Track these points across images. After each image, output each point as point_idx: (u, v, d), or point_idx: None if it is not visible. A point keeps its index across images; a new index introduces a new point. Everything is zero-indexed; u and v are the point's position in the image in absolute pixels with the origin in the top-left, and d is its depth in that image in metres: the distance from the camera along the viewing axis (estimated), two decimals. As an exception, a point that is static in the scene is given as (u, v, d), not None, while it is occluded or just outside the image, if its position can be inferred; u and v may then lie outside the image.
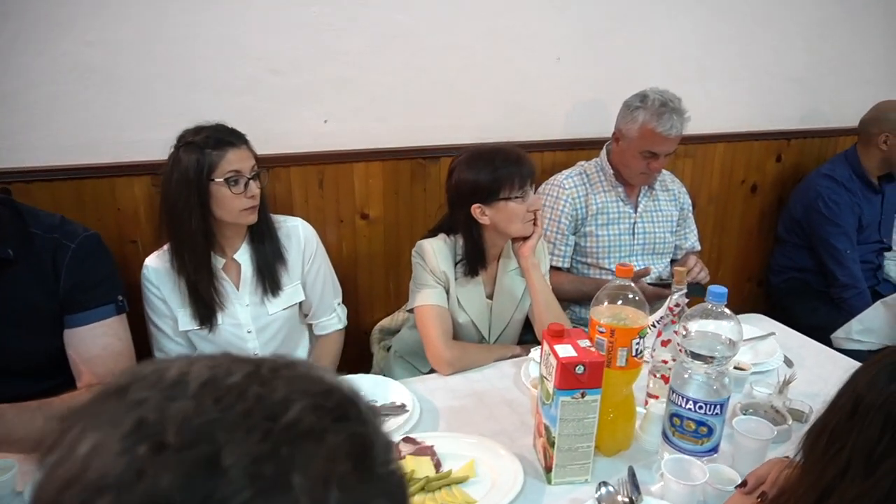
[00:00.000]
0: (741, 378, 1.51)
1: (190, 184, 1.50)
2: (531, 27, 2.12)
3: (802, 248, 2.57)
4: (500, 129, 2.19)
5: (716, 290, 1.13)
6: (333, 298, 1.81)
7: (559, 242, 2.07)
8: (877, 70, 2.76)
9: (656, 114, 1.89)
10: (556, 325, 1.21)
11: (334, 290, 1.82)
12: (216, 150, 1.51)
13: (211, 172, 1.50)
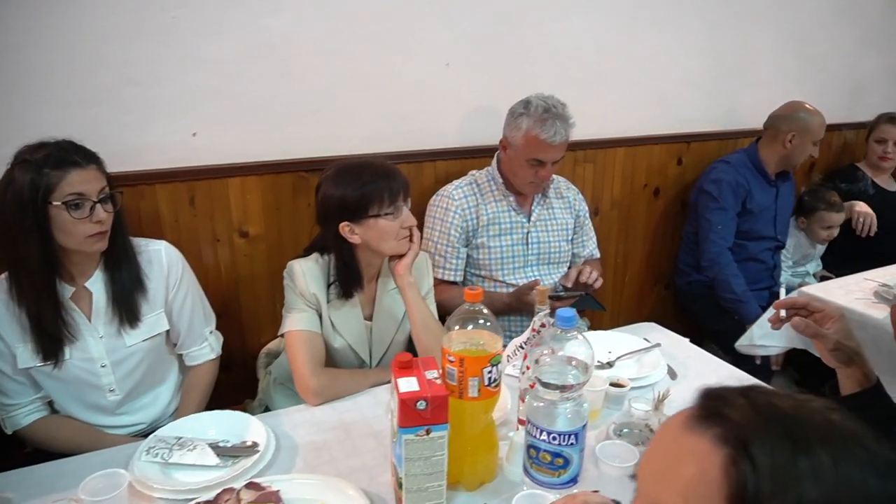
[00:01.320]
0: (619, 395, 1.46)
1: (24, 206, 1.35)
2: (416, 32, 2.04)
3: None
4: (388, 138, 2.10)
5: (564, 313, 1.07)
6: (204, 327, 1.68)
7: (450, 255, 1.99)
8: (769, 72, 2.79)
9: (540, 120, 1.84)
10: (404, 356, 1.12)
11: (205, 318, 1.69)
12: (56, 169, 1.36)
13: (49, 194, 1.35)
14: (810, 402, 0.55)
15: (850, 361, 1.17)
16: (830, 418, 0.54)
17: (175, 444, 1.27)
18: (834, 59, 2.97)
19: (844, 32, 2.95)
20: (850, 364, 1.18)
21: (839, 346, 1.16)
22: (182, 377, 1.73)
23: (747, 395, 0.57)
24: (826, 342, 1.17)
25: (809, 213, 2.76)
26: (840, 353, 1.16)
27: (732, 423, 0.54)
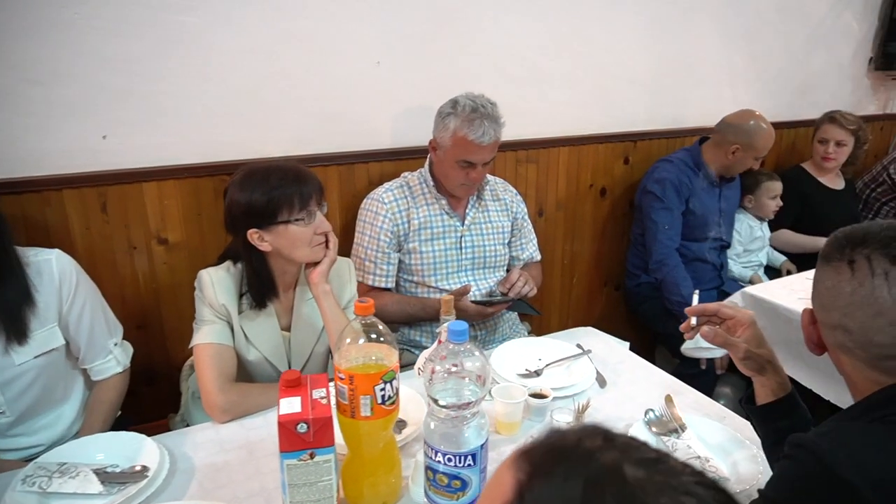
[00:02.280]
0: (541, 407, 1.40)
1: None
2: (344, 29, 1.96)
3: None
4: (317, 139, 2.02)
5: (455, 327, 1.00)
6: (108, 339, 1.58)
7: (380, 261, 1.92)
8: (716, 71, 2.77)
9: (467, 120, 1.77)
10: (291, 374, 1.05)
11: (108, 329, 1.58)
12: None
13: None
14: (633, 455, 0.46)
15: (763, 370, 1.12)
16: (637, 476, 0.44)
17: (56, 471, 1.18)
18: (781, 57, 2.96)
19: (791, 31, 2.94)
20: (763, 372, 1.13)
21: (750, 354, 1.11)
22: (89, 393, 1.63)
23: (580, 439, 0.49)
24: (736, 351, 1.12)
25: (755, 188, 2.77)
26: (751, 361, 1.12)
27: (526, 465, 0.47)
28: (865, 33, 3.20)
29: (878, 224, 0.90)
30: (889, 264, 0.85)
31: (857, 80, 3.29)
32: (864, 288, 0.86)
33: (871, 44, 3.24)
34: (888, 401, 0.85)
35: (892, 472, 0.74)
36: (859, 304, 0.87)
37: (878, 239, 0.87)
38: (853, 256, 0.88)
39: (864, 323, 0.87)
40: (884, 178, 2.99)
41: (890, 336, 0.85)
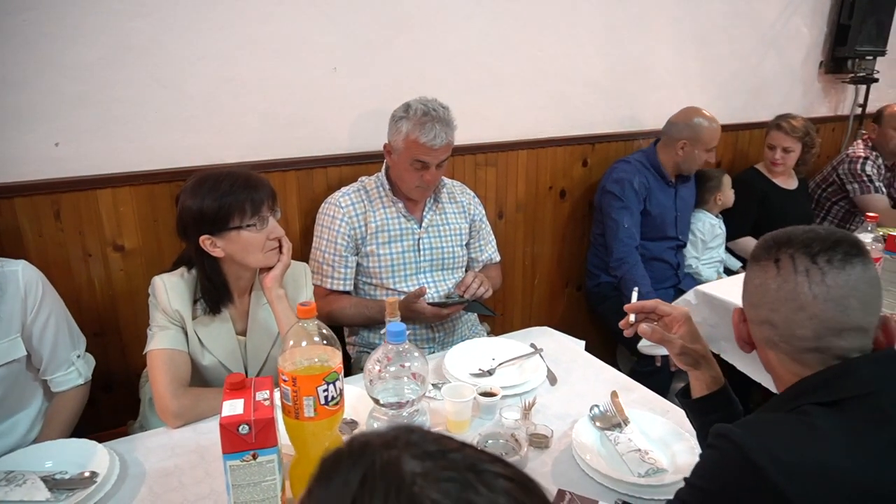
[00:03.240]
0: (490, 405, 1.44)
1: None
2: (300, 36, 1.98)
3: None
4: (275, 144, 2.04)
5: (393, 328, 1.03)
6: (71, 350, 1.57)
7: (338, 265, 1.94)
8: (671, 74, 2.84)
9: (419, 124, 1.81)
10: (235, 377, 1.07)
11: (72, 341, 1.58)
12: None
13: None
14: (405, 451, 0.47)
15: (697, 364, 1.17)
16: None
17: (3, 479, 1.18)
18: (734, 60, 3.04)
19: (742, 35, 3.02)
20: (697, 367, 1.18)
21: (685, 350, 1.16)
22: (47, 404, 1.62)
23: (368, 441, 0.49)
24: (672, 347, 1.17)
25: (719, 186, 2.84)
26: (686, 356, 1.17)
27: (315, 471, 0.50)
28: (815, 38, 3.30)
29: (801, 228, 0.95)
30: (810, 262, 0.90)
31: (808, 84, 3.39)
32: (788, 284, 0.91)
33: (821, 48, 3.35)
34: (800, 393, 0.90)
35: (799, 457, 0.79)
36: (783, 300, 0.92)
37: (801, 240, 0.92)
38: (778, 256, 0.93)
39: (787, 317, 0.92)
40: (833, 178, 3.09)
41: (810, 329, 0.90)
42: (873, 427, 0.81)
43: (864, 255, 0.90)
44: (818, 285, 0.89)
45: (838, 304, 0.88)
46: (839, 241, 0.90)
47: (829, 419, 0.83)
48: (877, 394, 0.84)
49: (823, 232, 0.92)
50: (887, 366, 0.88)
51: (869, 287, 0.89)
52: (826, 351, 0.90)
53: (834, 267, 0.88)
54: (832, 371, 0.89)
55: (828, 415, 0.84)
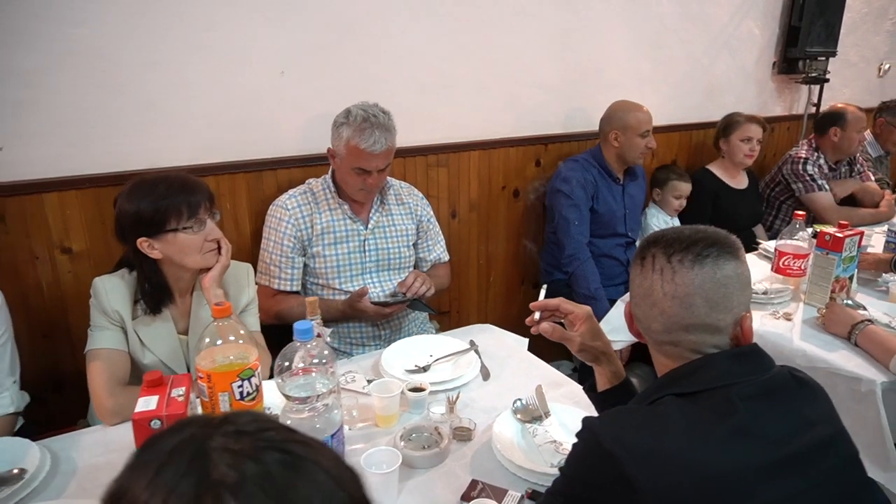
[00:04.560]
0: (418, 400, 1.49)
1: None
2: (247, 40, 2.02)
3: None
4: (224, 148, 2.08)
5: (300, 326, 1.08)
6: (8, 377, 1.57)
7: (285, 265, 1.99)
8: (624, 75, 2.90)
9: (358, 130, 1.85)
10: (153, 374, 1.11)
11: (11, 366, 1.58)
12: None
13: None
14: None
15: (598, 360, 1.24)
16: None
17: (-68, 476, 1.22)
18: (686, 61, 3.11)
19: (694, 36, 3.09)
20: (598, 363, 1.24)
21: (584, 347, 1.22)
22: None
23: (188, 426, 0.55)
24: (571, 344, 1.23)
25: (663, 184, 2.96)
26: (586, 353, 1.23)
27: None
28: (768, 39, 3.38)
29: (679, 229, 1.01)
30: (665, 261, 0.96)
31: (761, 84, 3.47)
32: (647, 281, 0.98)
33: (774, 49, 3.43)
34: (664, 384, 0.96)
35: (647, 445, 0.85)
36: (643, 296, 0.98)
37: (666, 240, 0.98)
38: (645, 254, 1.00)
39: (645, 312, 0.99)
40: (779, 178, 3.17)
41: (661, 324, 0.97)
42: (718, 417, 0.87)
43: (720, 255, 0.94)
44: (668, 283, 0.95)
45: (683, 301, 0.94)
46: (696, 242, 0.95)
47: (682, 409, 0.89)
48: (728, 387, 0.90)
49: (689, 232, 0.98)
50: (740, 362, 0.94)
51: (717, 287, 0.94)
52: (679, 344, 0.96)
53: (684, 266, 0.94)
54: (691, 365, 0.95)
55: (681, 405, 0.90)
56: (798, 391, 0.93)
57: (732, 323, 0.96)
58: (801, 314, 2.03)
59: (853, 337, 1.80)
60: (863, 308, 1.97)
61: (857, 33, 3.79)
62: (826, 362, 1.76)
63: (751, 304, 1.02)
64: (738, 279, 0.96)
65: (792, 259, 2.06)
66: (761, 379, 0.91)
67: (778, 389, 0.91)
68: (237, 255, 2.13)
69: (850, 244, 2.02)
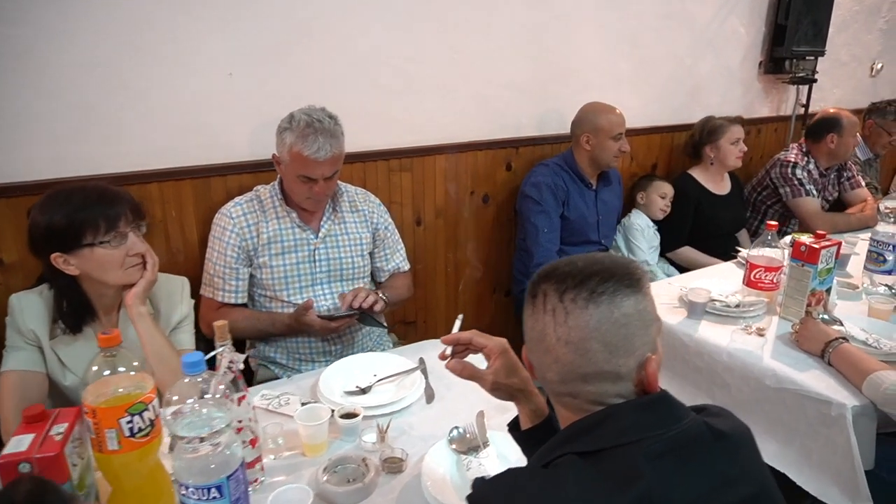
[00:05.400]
0: (350, 427, 1.39)
1: None
2: (192, 41, 1.92)
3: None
4: (168, 153, 1.98)
5: (188, 358, 0.98)
6: None
7: (229, 277, 1.89)
8: (601, 76, 2.79)
9: (302, 136, 1.75)
10: (34, 409, 1.02)
11: None
12: None
13: None
14: None
15: (514, 398, 1.13)
16: None
17: None
18: (668, 61, 3.00)
19: (676, 35, 2.98)
20: (516, 400, 1.13)
21: (497, 385, 1.11)
22: None
23: None
24: (483, 383, 1.12)
25: (647, 186, 2.86)
26: (500, 392, 1.11)
27: None
28: (753, 38, 3.27)
29: (573, 259, 0.89)
30: (557, 300, 0.84)
31: (748, 84, 3.36)
32: (539, 324, 0.86)
33: (760, 48, 3.32)
34: (565, 440, 0.84)
35: None
36: (536, 340, 0.87)
37: (558, 275, 0.86)
38: (536, 291, 0.88)
39: (539, 359, 0.88)
40: (767, 181, 3.06)
41: (556, 373, 0.86)
42: (620, 486, 0.75)
43: (618, 291, 0.83)
44: (561, 327, 0.83)
45: (578, 347, 0.82)
46: (591, 276, 0.83)
47: (579, 476, 0.78)
48: (634, 444, 0.79)
49: (583, 264, 0.86)
50: (647, 413, 0.82)
51: (615, 328, 0.82)
52: (578, 396, 0.85)
53: (577, 307, 0.83)
54: (593, 418, 0.83)
55: (580, 471, 0.79)
56: (715, 445, 0.81)
57: (636, 367, 0.84)
58: (776, 329, 1.93)
59: (826, 356, 1.70)
60: (839, 323, 1.87)
61: (848, 32, 3.67)
62: (795, 383, 1.66)
63: (717, 320, 0.89)
64: (640, 316, 0.84)
65: (763, 272, 1.95)
66: (671, 433, 0.80)
67: (691, 444, 0.80)
68: (184, 266, 2.06)
69: (826, 255, 1.91)
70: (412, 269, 2.48)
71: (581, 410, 0.85)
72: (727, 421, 0.85)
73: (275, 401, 1.53)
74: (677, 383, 2.01)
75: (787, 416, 1.68)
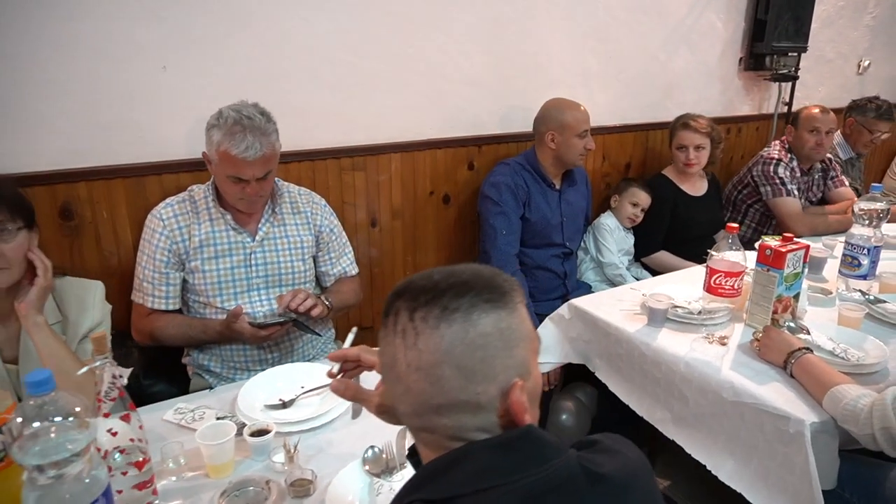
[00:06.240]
0: (260, 445, 1.29)
1: None
2: (120, 32, 1.82)
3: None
4: (96, 151, 1.88)
5: (33, 377, 0.87)
6: None
7: (158, 282, 1.78)
8: (567, 71, 2.69)
9: (229, 134, 1.64)
10: None
11: None
12: None
13: None
14: None
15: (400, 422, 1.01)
16: None
17: None
18: (639, 56, 2.89)
19: (648, 29, 2.87)
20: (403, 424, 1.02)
21: (384, 409, 0.99)
22: None
23: None
24: (368, 405, 1.01)
25: (623, 190, 2.76)
26: (387, 416, 0.99)
27: None
28: (732, 33, 3.16)
29: (432, 271, 0.78)
30: (407, 319, 0.73)
31: (727, 81, 3.25)
32: (389, 347, 0.75)
33: (739, 44, 3.20)
34: (416, 485, 0.72)
35: None
36: (388, 366, 0.76)
37: (413, 289, 0.75)
38: (389, 309, 0.77)
39: (391, 388, 0.77)
40: (748, 179, 2.94)
41: (409, 405, 0.75)
42: None
43: (474, 307, 0.72)
44: (411, 350, 0.72)
45: (429, 374, 0.71)
46: (445, 291, 0.72)
47: None
48: (490, 491, 0.67)
49: (440, 277, 0.75)
50: (506, 453, 0.70)
51: (470, 350, 0.71)
52: (434, 430, 0.74)
53: (428, 326, 0.72)
54: (445, 459, 0.71)
55: None
56: (590, 491, 0.69)
57: (498, 395, 0.72)
58: (739, 338, 1.82)
59: (788, 367, 1.59)
60: (806, 332, 1.76)
61: (833, 28, 3.56)
62: (753, 397, 1.54)
63: (679, 327, 0.76)
64: (502, 336, 0.73)
65: (724, 277, 1.84)
66: (535, 478, 0.68)
67: (559, 490, 0.68)
68: (118, 269, 1.95)
69: (793, 259, 1.80)
70: (368, 272, 2.39)
71: (440, 447, 0.74)
72: (616, 459, 0.73)
73: (189, 415, 1.43)
74: (636, 395, 1.91)
75: (745, 433, 1.57)
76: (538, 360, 0.98)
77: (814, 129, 2.81)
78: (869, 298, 1.98)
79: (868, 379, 1.59)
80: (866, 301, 1.96)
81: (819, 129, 2.81)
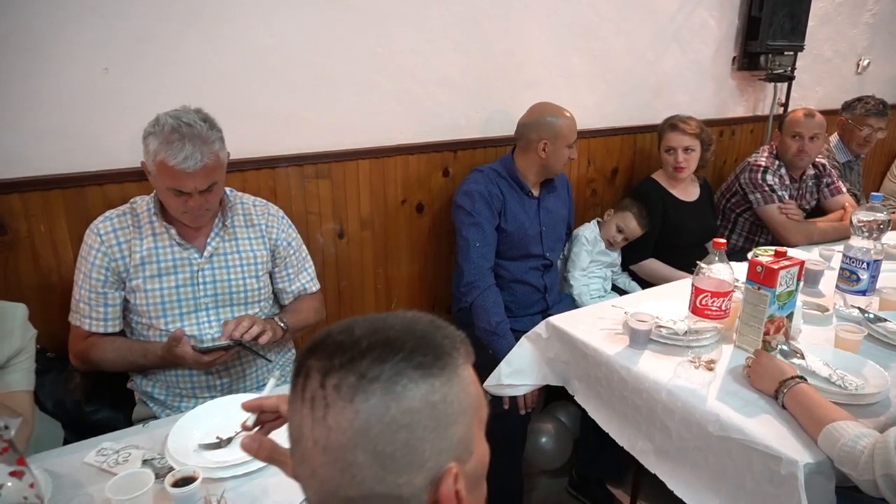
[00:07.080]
0: (184, 496, 1.14)
1: None
2: (56, 29, 1.68)
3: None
4: (30, 159, 1.73)
5: None
6: None
7: (95, 303, 1.64)
8: (550, 72, 2.54)
9: (166, 142, 1.49)
10: None
11: None
12: None
13: None
14: None
15: None
16: None
17: None
18: (627, 55, 2.75)
19: (637, 28, 2.73)
20: None
21: None
22: None
23: None
24: (284, 468, 0.86)
25: (620, 208, 2.61)
26: None
27: None
28: (726, 32, 3.01)
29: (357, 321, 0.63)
30: (318, 386, 0.59)
31: (720, 81, 3.10)
32: (297, 418, 0.61)
33: (733, 43, 3.06)
34: None
35: None
36: (294, 441, 0.62)
37: (329, 344, 0.61)
38: (299, 368, 0.62)
39: (298, 468, 0.62)
40: (736, 187, 2.80)
41: (313, 492, 0.60)
42: None
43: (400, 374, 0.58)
44: (319, 425, 0.58)
45: (338, 459, 0.57)
46: (365, 352, 0.59)
47: None
48: None
49: (363, 331, 0.61)
50: None
51: (390, 431, 0.57)
52: None
53: (340, 397, 0.57)
54: None
55: None
56: None
57: (427, 486, 0.58)
58: (728, 362, 1.68)
59: (780, 397, 1.45)
60: (800, 355, 1.62)
61: (831, 26, 3.42)
62: (741, 432, 1.40)
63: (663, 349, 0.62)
64: (434, 412, 0.59)
65: (710, 297, 1.70)
66: None
67: None
68: (59, 287, 1.81)
69: (786, 277, 1.66)
70: (336, 287, 2.25)
71: None
72: None
73: (112, 457, 1.29)
74: (616, 422, 1.76)
75: (733, 470, 1.43)
76: (513, 383, 0.82)
77: (795, 134, 2.66)
78: (868, 316, 1.84)
79: (867, 410, 1.45)
80: (865, 319, 1.83)
81: (801, 135, 2.65)
